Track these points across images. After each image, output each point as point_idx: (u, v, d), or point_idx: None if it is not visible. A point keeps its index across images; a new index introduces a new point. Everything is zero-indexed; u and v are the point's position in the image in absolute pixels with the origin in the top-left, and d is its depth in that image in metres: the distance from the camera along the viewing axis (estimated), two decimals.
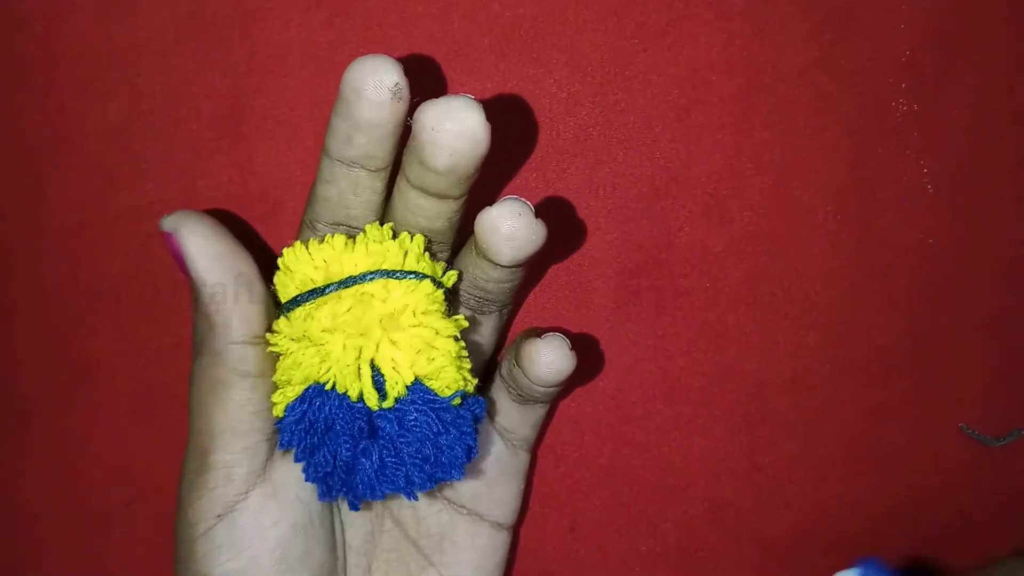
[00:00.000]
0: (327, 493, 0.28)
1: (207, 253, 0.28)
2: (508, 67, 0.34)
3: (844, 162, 0.34)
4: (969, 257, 0.34)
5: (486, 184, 0.34)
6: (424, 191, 0.27)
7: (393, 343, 0.27)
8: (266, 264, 0.34)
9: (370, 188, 0.28)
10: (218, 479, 0.28)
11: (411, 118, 0.27)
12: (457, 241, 0.30)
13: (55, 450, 0.37)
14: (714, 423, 0.35)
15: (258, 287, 0.28)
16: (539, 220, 0.28)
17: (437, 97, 0.26)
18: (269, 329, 0.29)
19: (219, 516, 0.28)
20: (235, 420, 0.28)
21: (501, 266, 0.28)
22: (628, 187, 0.34)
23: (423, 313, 0.27)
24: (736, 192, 0.34)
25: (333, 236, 0.28)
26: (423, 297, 0.27)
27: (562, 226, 0.35)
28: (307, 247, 0.28)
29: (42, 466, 0.37)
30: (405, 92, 0.26)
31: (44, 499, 0.37)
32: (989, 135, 0.34)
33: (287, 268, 0.28)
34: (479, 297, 0.30)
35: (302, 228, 0.30)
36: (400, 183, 0.28)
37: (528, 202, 0.28)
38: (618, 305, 0.35)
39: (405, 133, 0.28)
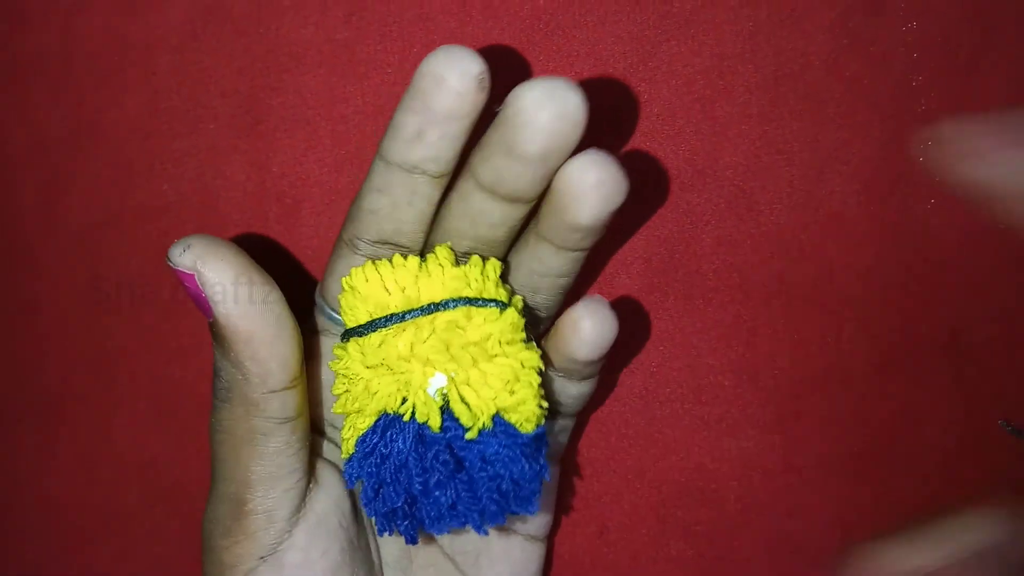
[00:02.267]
0: (387, 527, 0.26)
1: (236, 295, 0.24)
2: (529, 61, 0.34)
3: (876, 151, 0.33)
4: (1008, 247, 0.33)
5: None
6: (495, 192, 0.25)
7: (482, 373, 0.26)
8: (286, 269, 0.34)
9: (426, 198, 0.26)
10: (258, 524, 0.26)
11: (498, 106, 0.24)
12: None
13: (77, 448, 0.36)
14: (745, 422, 0.34)
15: (290, 323, 0.26)
16: (623, 170, 0.25)
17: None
18: (308, 362, 0.27)
19: (262, 558, 0.26)
20: (274, 466, 0.26)
21: (580, 227, 0.25)
22: (652, 181, 0.34)
23: (507, 343, 0.26)
24: (765, 184, 0.33)
25: (406, 258, 0.26)
26: (507, 326, 0.26)
27: None
28: (378, 269, 0.26)
29: (64, 464, 0.36)
30: (487, 83, 0.24)
31: (67, 497, 0.36)
32: None
33: (355, 290, 0.26)
34: (526, 305, 0.28)
35: (339, 245, 0.27)
36: (462, 187, 0.26)
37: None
38: (644, 302, 0.34)
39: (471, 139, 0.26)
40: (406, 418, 0.26)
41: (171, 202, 0.35)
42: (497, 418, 0.26)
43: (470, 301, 0.26)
